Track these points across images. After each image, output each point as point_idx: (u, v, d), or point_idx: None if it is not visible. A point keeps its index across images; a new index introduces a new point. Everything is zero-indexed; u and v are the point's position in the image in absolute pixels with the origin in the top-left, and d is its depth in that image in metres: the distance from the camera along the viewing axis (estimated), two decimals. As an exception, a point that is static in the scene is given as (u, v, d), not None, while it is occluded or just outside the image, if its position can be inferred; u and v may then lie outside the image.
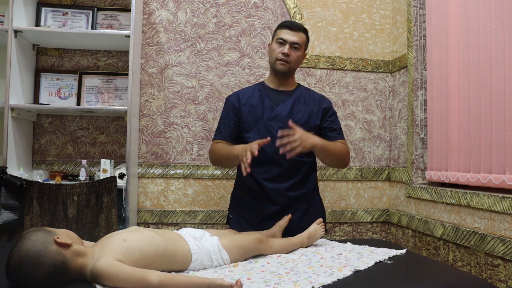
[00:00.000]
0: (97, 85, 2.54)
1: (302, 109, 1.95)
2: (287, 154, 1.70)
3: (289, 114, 1.93)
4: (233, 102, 2.00)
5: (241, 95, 2.02)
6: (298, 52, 1.93)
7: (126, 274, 1.16)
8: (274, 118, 1.93)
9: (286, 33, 1.91)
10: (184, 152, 2.61)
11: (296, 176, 1.93)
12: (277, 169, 1.92)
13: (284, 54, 1.90)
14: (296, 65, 1.96)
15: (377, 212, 2.76)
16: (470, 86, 1.99)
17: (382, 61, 2.79)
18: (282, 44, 1.92)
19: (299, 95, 1.99)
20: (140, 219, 2.54)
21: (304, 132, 1.75)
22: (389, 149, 2.79)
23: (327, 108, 2.00)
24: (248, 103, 1.97)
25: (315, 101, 2.00)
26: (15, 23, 2.20)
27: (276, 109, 1.94)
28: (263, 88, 2.02)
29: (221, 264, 1.46)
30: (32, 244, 1.15)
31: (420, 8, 2.47)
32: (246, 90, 2.05)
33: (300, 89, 2.04)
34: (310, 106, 1.97)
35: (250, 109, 1.96)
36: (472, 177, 1.95)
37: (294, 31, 1.91)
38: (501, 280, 1.75)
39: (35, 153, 2.52)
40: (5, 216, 2.00)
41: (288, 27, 1.92)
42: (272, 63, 1.96)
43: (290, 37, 1.91)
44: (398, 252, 1.64)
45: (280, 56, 1.91)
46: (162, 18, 2.62)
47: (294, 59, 1.93)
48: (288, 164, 1.91)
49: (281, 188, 1.91)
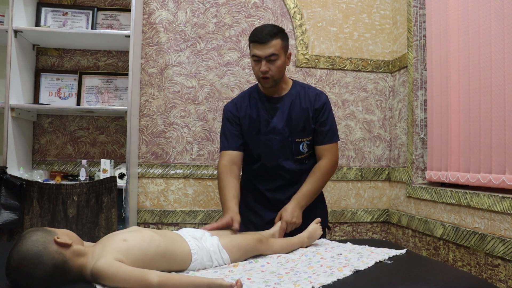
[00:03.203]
0: (97, 85, 2.54)
1: (297, 115, 1.89)
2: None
3: (286, 125, 1.88)
4: (232, 112, 1.94)
5: (239, 105, 1.94)
6: (277, 61, 1.79)
7: (126, 274, 1.16)
8: (271, 132, 1.88)
9: (258, 48, 1.77)
10: (184, 152, 2.61)
11: (298, 183, 1.90)
12: (279, 180, 1.91)
13: (263, 72, 1.79)
14: (280, 74, 1.84)
15: (377, 212, 2.76)
16: (470, 86, 1.99)
17: (382, 61, 2.79)
18: (258, 60, 1.79)
19: (294, 98, 1.91)
20: (140, 219, 2.54)
21: (288, 214, 1.77)
22: (389, 149, 2.79)
23: (318, 109, 1.90)
24: (246, 116, 1.92)
25: (310, 102, 1.91)
26: (15, 23, 2.20)
27: (272, 121, 1.89)
28: (258, 95, 1.94)
29: (221, 264, 1.46)
30: (32, 244, 1.15)
31: (420, 8, 2.47)
32: (242, 100, 1.96)
33: (294, 88, 1.94)
34: (305, 110, 1.90)
35: (249, 122, 1.91)
36: (472, 177, 1.95)
37: (265, 43, 1.75)
38: (501, 280, 1.75)
39: (35, 153, 2.52)
40: (5, 216, 2.00)
41: (257, 41, 1.77)
42: (257, 79, 1.87)
43: (263, 51, 1.76)
44: (398, 252, 1.64)
45: (260, 74, 1.80)
46: (162, 18, 2.62)
47: (275, 71, 1.80)
48: (290, 175, 1.91)
49: (284, 198, 1.89)
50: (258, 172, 1.93)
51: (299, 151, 1.90)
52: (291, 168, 1.90)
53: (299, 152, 1.90)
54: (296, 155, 1.90)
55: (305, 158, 1.93)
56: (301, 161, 1.92)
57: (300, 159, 1.91)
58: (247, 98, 1.96)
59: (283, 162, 1.89)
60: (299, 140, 1.89)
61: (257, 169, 1.93)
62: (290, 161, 1.90)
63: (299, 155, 1.91)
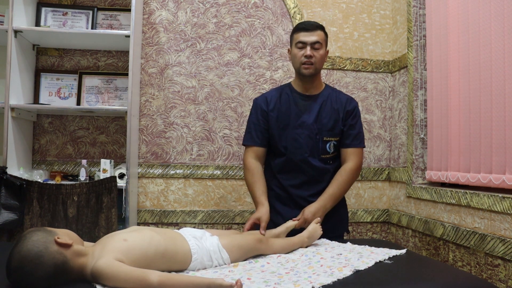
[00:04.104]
0: (97, 85, 2.54)
1: (328, 114, 1.93)
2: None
3: (315, 121, 1.92)
4: (261, 106, 1.98)
5: (269, 98, 1.99)
6: (321, 50, 1.90)
7: (126, 274, 1.16)
8: (300, 126, 1.92)
9: (304, 35, 1.88)
10: (184, 152, 2.61)
11: (321, 183, 1.94)
12: (303, 176, 1.93)
13: (307, 56, 1.87)
14: (321, 64, 1.92)
15: (377, 212, 2.76)
16: (470, 86, 2.00)
17: (382, 61, 2.79)
18: (303, 47, 1.88)
19: (326, 98, 1.96)
20: (140, 219, 2.54)
21: (311, 213, 1.82)
22: (389, 149, 2.79)
23: (350, 111, 1.96)
24: (275, 108, 1.95)
25: (341, 104, 1.97)
26: (15, 23, 2.20)
27: (303, 116, 1.93)
28: (290, 91, 1.99)
29: (221, 264, 1.46)
30: (33, 244, 1.15)
31: (420, 8, 2.47)
32: (274, 93, 2.01)
33: (326, 90, 2.00)
34: (336, 111, 1.95)
35: (278, 115, 1.94)
36: (472, 177, 1.96)
37: (311, 31, 1.88)
38: (501, 280, 1.75)
39: (35, 153, 2.52)
40: (5, 216, 2.00)
41: (304, 29, 1.89)
42: (296, 68, 1.93)
43: (309, 38, 1.87)
44: (398, 252, 1.64)
45: (304, 59, 1.88)
46: (162, 18, 2.62)
47: (318, 59, 1.89)
48: (314, 172, 1.93)
49: (307, 195, 1.92)
50: (283, 167, 1.95)
51: (325, 150, 1.93)
52: (316, 165, 1.92)
53: (325, 151, 1.93)
54: (322, 153, 1.93)
55: (330, 158, 1.95)
56: (325, 160, 1.94)
57: (325, 159, 1.94)
58: (279, 93, 2.01)
59: (309, 157, 1.92)
60: (326, 139, 1.93)
61: (281, 163, 1.95)
62: (316, 159, 1.93)
63: (325, 154, 1.94)
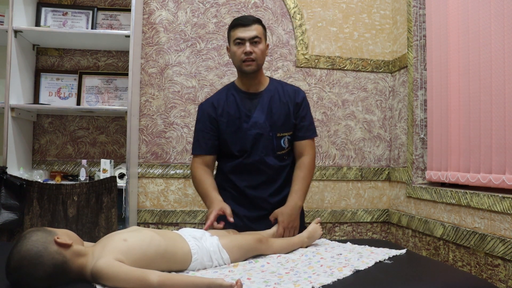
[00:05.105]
0: (97, 85, 2.54)
1: (278, 110, 1.89)
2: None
3: (266, 119, 1.87)
4: (209, 112, 1.91)
5: (216, 103, 1.91)
6: (260, 45, 1.83)
7: (126, 274, 1.16)
8: (252, 126, 1.87)
9: (241, 31, 1.81)
10: (184, 152, 2.61)
11: (278, 180, 1.90)
12: (260, 177, 1.89)
13: (247, 53, 1.80)
14: (262, 59, 1.86)
15: (377, 212, 2.76)
16: (470, 86, 2.00)
17: (382, 61, 2.79)
18: (241, 43, 1.81)
19: (273, 93, 1.91)
20: (140, 219, 2.54)
21: (286, 218, 1.78)
22: (389, 149, 2.79)
23: (299, 103, 1.91)
24: (224, 113, 1.89)
25: (289, 97, 1.91)
26: (15, 23, 2.20)
27: (253, 116, 1.88)
28: (236, 92, 1.92)
29: (221, 264, 1.46)
30: (33, 244, 1.15)
31: (420, 8, 2.47)
32: (219, 97, 1.93)
33: (272, 85, 1.94)
34: (285, 105, 1.90)
35: (228, 119, 1.88)
36: (472, 177, 1.96)
37: (249, 26, 1.81)
38: (501, 280, 1.75)
39: (35, 153, 2.52)
40: (5, 216, 2.00)
41: (241, 24, 1.81)
42: (238, 66, 1.86)
43: (247, 33, 1.80)
44: (398, 252, 1.64)
45: (243, 56, 1.81)
46: (162, 18, 2.62)
47: (259, 54, 1.82)
48: (271, 171, 1.89)
49: (266, 195, 1.88)
50: (238, 169, 1.89)
51: (280, 146, 1.89)
52: (273, 164, 1.88)
53: (281, 147, 1.89)
54: (277, 150, 1.89)
55: (285, 154, 1.92)
56: (281, 157, 1.91)
57: (280, 155, 1.90)
58: (225, 95, 1.93)
59: (265, 157, 1.87)
60: (280, 135, 1.89)
61: (236, 166, 1.90)
62: (271, 157, 1.89)
63: (280, 151, 1.90)
